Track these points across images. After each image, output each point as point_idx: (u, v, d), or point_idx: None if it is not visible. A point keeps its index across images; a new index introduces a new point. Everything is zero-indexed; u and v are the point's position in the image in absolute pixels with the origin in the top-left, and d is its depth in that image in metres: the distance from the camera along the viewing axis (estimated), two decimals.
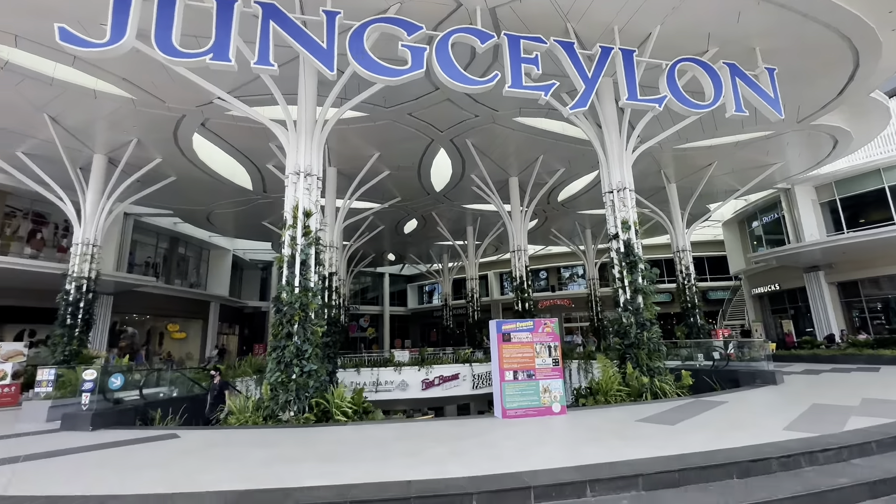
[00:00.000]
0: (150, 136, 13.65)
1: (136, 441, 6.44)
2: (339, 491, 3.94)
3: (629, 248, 10.32)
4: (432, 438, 5.86)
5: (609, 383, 9.06)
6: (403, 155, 15.82)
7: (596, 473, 4.15)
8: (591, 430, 6.17)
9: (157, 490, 4.19)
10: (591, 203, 21.83)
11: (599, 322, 25.63)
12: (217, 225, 24.46)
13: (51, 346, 13.21)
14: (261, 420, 7.87)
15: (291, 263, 8.62)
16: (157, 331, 25.54)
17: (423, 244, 31.12)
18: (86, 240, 13.97)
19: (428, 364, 16.79)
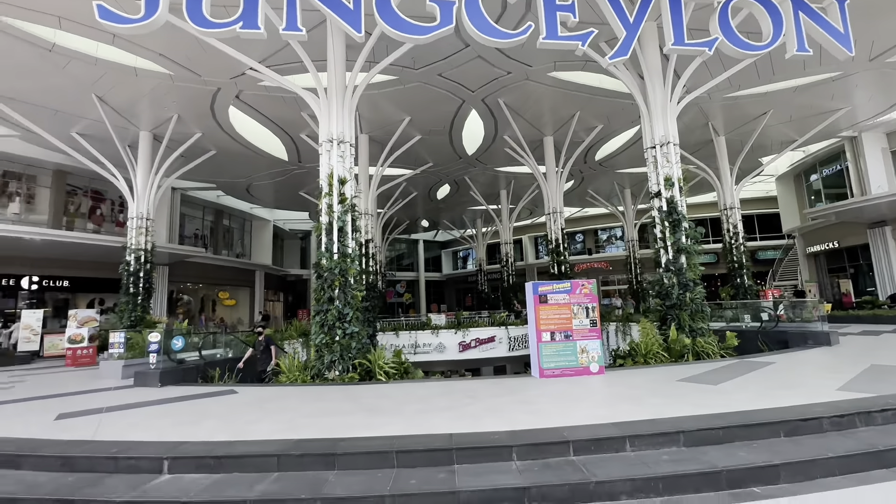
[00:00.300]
0: (189, 111, 14.05)
1: (198, 396, 7.04)
2: (386, 441, 4.18)
3: (672, 207, 9.86)
4: (471, 395, 6.05)
5: (649, 345, 8.93)
6: (434, 118, 15.54)
7: (635, 429, 4.17)
8: (630, 388, 6.16)
9: (220, 437, 4.59)
10: (632, 161, 20.84)
11: (638, 284, 25.04)
12: (257, 196, 25.28)
13: (118, 312, 14.42)
14: (308, 379, 8.37)
15: (329, 231, 8.85)
16: (210, 298, 27.23)
17: (456, 209, 31.01)
18: (140, 214, 14.85)
19: (464, 327, 17.08)
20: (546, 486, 3.46)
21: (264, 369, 9.56)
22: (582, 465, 3.74)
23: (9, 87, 12.22)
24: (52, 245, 16.44)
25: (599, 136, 17.45)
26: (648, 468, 3.63)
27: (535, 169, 17.39)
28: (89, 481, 3.99)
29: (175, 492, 3.67)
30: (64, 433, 5.03)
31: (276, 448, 4.17)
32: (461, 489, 3.43)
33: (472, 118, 15.76)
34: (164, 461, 4.10)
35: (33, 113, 13.49)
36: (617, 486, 3.47)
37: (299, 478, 3.82)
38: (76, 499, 3.66)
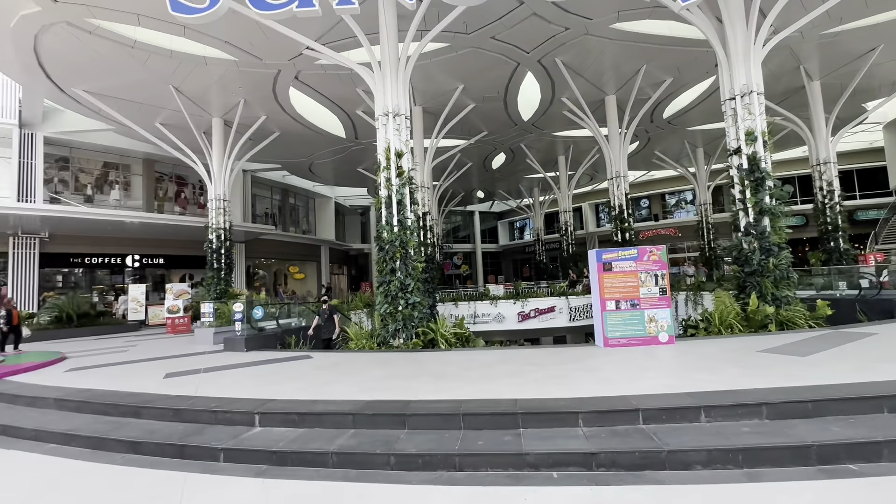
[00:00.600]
0: (253, 95, 14.76)
1: (279, 360, 7.69)
2: (453, 404, 4.34)
3: (754, 164, 8.94)
4: (534, 363, 6.07)
5: (725, 314, 8.36)
6: (488, 84, 15.09)
7: (712, 400, 3.98)
8: (704, 358, 5.84)
9: (301, 397, 5.02)
10: (706, 116, 19.04)
11: (711, 251, 23.30)
12: (318, 174, 26.34)
13: (205, 285, 15.96)
14: (375, 346, 8.82)
15: (389, 204, 9.06)
16: (281, 272, 29.26)
17: (512, 179, 30.35)
18: (217, 195, 16.08)
19: (523, 297, 17.00)
20: (615, 451, 3.43)
21: (329, 337, 10.09)
22: (652, 434, 3.65)
23: (103, 86, 13.52)
24: (148, 227, 18.40)
25: (668, 92, 16.04)
26: (727, 440, 3.46)
27: (597, 131, 16.44)
28: (195, 430, 4.56)
29: (266, 442, 4.09)
30: (172, 389, 5.76)
31: (350, 407, 4.48)
32: (528, 451, 3.50)
33: (528, 82, 15.11)
34: (255, 416, 4.57)
35: (123, 107, 14.87)
36: (691, 456, 3.36)
37: (373, 435, 4.09)
38: (187, 444, 4.20)
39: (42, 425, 5.06)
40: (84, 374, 7.42)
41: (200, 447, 4.14)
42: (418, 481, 3.41)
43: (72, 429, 4.85)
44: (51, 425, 5.03)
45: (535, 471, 3.43)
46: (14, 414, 5.64)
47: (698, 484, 3.12)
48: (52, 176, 18.57)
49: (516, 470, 3.46)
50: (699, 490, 3.04)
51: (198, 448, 4.15)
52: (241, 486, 3.50)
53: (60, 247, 17.92)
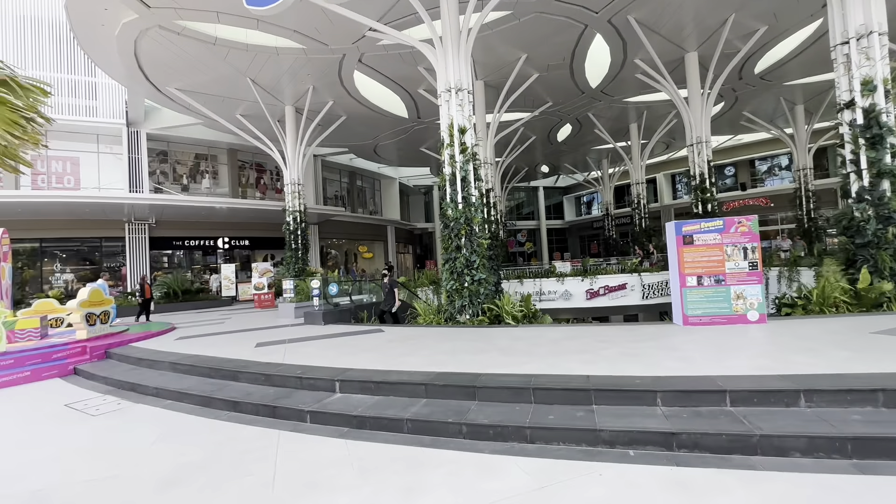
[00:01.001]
0: (321, 81, 15.34)
1: (353, 333, 8.16)
2: (523, 378, 4.35)
3: (872, 118, 7.71)
4: (605, 340, 5.87)
5: (829, 291, 7.45)
6: (553, 52, 14.35)
7: (814, 383, 3.60)
8: (803, 339, 5.28)
9: (376, 367, 5.30)
10: (808, 67, 16.67)
11: (812, 222, 20.70)
12: (383, 156, 27.00)
13: (285, 264, 17.23)
14: (442, 321, 9.03)
15: (453, 181, 9.07)
16: (352, 252, 30.74)
17: (578, 151, 28.95)
18: (292, 180, 17.12)
19: (591, 274, 16.40)
20: (698, 433, 3.25)
21: (389, 309, 10.35)
22: (742, 417, 3.40)
23: (191, 83, 14.79)
24: (234, 211, 20.16)
25: (761, 43, 14.22)
26: (832, 427, 3.13)
27: (675, 94, 15.05)
28: (284, 394, 5.01)
29: (347, 407, 4.39)
30: (263, 357, 6.36)
31: (422, 378, 4.66)
32: (602, 428, 3.42)
33: (596, 45, 14.13)
34: (335, 382, 4.92)
35: (209, 102, 16.20)
36: (788, 442, 3.09)
37: (444, 405, 4.23)
38: (278, 405, 4.64)
39: (161, 384, 5.85)
40: (190, 342, 8.42)
41: (290, 409, 4.55)
42: (490, 450, 3.48)
43: (184, 388, 5.56)
44: (168, 385, 5.80)
45: (610, 447, 3.36)
46: (139, 374, 6.57)
47: (797, 472, 2.87)
48: (154, 168, 20.86)
49: (589, 445, 3.41)
50: (798, 478, 2.80)
51: (287, 409, 4.56)
52: (327, 445, 3.81)
53: (165, 231, 20.24)
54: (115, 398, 5.77)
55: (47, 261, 18.57)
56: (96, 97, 19.02)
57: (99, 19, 11.09)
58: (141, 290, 12.48)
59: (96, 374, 6.90)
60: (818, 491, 2.64)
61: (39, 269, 18.33)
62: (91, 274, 19.06)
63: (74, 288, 17.78)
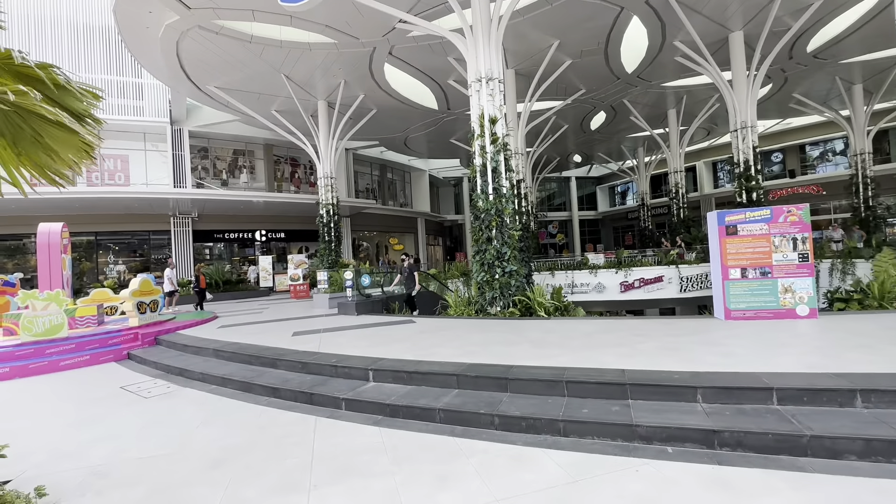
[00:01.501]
0: (352, 75, 15.51)
1: (385, 323, 8.30)
2: (555, 371, 4.30)
3: None
4: (641, 334, 5.71)
5: (888, 284, 6.94)
6: (587, 37, 13.90)
7: (871, 383, 3.37)
8: (857, 335, 4.95)
9: (408, 357, 5.37)
10: (868, 43, 15.43)
11: (870, 211, 19.29)
12: (413, 148, 27.11)
13: (319, 256, 17.67)
14: (473, 313, 9.03)
15: (483, 172, 9.00)
16: (383, 244, 31.17)
17: (613, 139, 28.06)
18: (325, 174, 17.47)
19: (626, 266, 15.95)
20: (742, 431, 3.11)
21: (409, 293, 10.57)
22: (790, 416, 3.23)
23: (229, 80, 15.30)
24: (270, 205, 20.81)
25: (815, 18, 13.24)
26: (893, 429, 2.93)
27: (718, 76, 14.29)
28: (320, 381, 5.16)
29: (380, 395, 4.48)
30: (299, 346, 6.57)
31: (454, 369, 4.69)
32: (639, 423, 3.34)
33: (633, 28, 13.58)
34: (369, 371, 5.02)
35: (246, 99, 16.73)
36: (842, 444, 2.92)
37: (476, 396, 4.24)
38: (315, 392, 4.79)
39: (206, 370, 6.16)
40: (231, 330, 8.81)
41: (326, 396, 4.69)
42: (523, 442, 3.47)
43: (227, 374, 5.83)
44: (212, 370, 6.10)
45: (647, 443, 3.28)
46: (186, 360, 6.95)
47: (852, 476, 2.71)
48: (196, 164, 21.79)
49: (625, 441, 3.34)
50: (853, 482, 2.64)
51: (323, 397, 4.70)
52: (362, 432, 3.91)
53: (206, 224, 21.16)
54: (165, 382, 6.13)
55: (101, 253, 19.83)
56: (142, 97, 20.01)
57: (143, 22, 11.61)
58: (196, 281, 13.22)
59: (147, 358, 7.34)
60: (876, 496, 2.49)
61: (95, 260, 19.61)
62: (140, 265, 20.22)
63: (126, 278, 18.92)
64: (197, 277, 13.17)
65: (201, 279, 13.22)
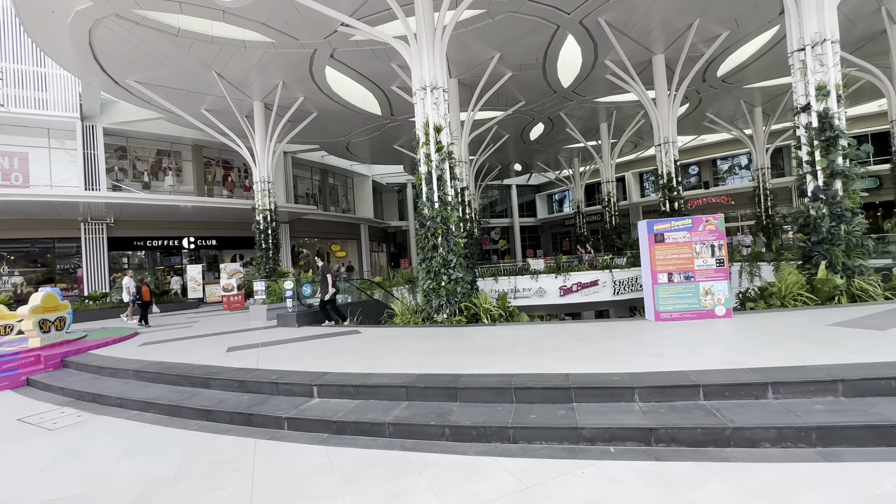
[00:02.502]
0: (292, 77, 14.93)
1: (328, 335, 8.00)
2: (503, 378, 4.36)
3: (826, 121, 8.15)
4: (582, 338, 5.98)
5: (789, 285, 7.84)
6: (526, 51, 14.48)
7: (780, 376, 3.77)
8: (767, 333, 5.53)
9: (355, 370, 5.20)
10: (766, 72, 17.52)
11: (769, 219, 21.81)
12: (355, 153, 26.60)
13: (255, 265, 16.72)
14: (419, 321, 8.98)
15: (429, 180, 9.01)
16: (324, 251, 30.18)
17: (550, 149, 29.42)
18: (262, 177, 16.61)
19: (565, 271, 16.71)
20: (675, 427, 3.34)
21: (322, 299, 9.49)
22: (715, 410, 3.52)
23: (152, 75, 14.09)
24: (200, 210, 19.39)
25: (724, 47, 14.81)
26: (798, 417, 3.29)
27: (643, 94, 15.49)
28: (259, 400, 4.85)
29: (326, 412, 4.29)
30: (235, 362, 6.14)
31: (402, 380, 4.60)
32: (583, 426, 3.47)
33: (568, 46, 14.36)
34: (313, 387, 4.80)
35: (171, 96, 15.49)
36: (758, 434, 3.22)
37: (426, 407, 4.19)
38: (254, 412, 4.48)
39: (125, 394, 5.56)
40: (156, 347, 8.05)
41: (266, 416, 4.41)
42: (474, 452, 3.47)
43: (151, 397, 5.30)
44: (132, 394, 5.51)
45: (591, 444, 3.41)
46: (101, 383, 6.23)
47: (768, 462, 2.99)
48: (112, 165, 19.81)
49: (571, 443, 3.46)
50: (769, 468, 2.92)
51: (263, 416, 4.42)
52: (307, 453, 3.71)
53: (125, 231, 19.25)
54: (74, 410, 5.45)
55: None
56: (46, 89, 17.87)
57: (48, 5, 10.39)
58: (138, 293, 11.87)
59: (52, 384, 6.50)
60: (788, 480, 2.76)
61: None
62: (42, 276, 17.95)
63: (25, 292, 16.70)
64: (139, 288, 11.85)
65: (144, 290, 11.92)
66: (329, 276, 9.59)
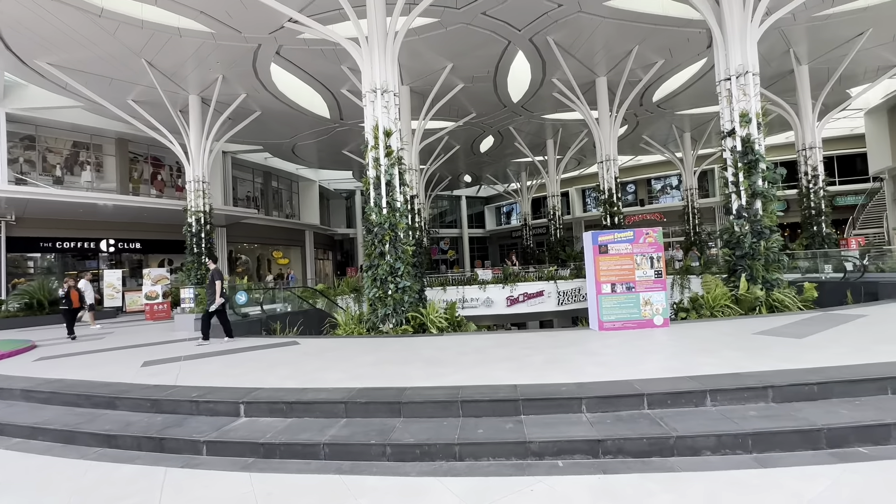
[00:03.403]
0: (232, 71, 14.07)
1: (264, 347, 7.40)
2: (450, 391, 4.15)
3: (748, 146, 8.87)
4: (529, 347, 5.93)
5: (716, 297, 8.36)
6: (478, 64, 14.69)
7: (716, 383, 3.87)
8: (702, 342, 5.78)
9: (289, 385, 4.77)
10: (694, 100, 19.02)
11: (696, 236, 23.57)
12: (302, 157, 25.64)
13: (185, 271, 15.41)
14: (364, 331, 8.59)
15: (378, 185, 8.72)
16: (265, 257, 28.63)
17: (500, 162, 30.09)
18: (196, 177, 15.44)
19: (512, 282, 16.92)
20: (621, 438, 3.29)
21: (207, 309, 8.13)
22: (658, 419, 3.53)
23: (69, 58, 12.66)
24: (122, 210, 17.61)
25: (659, 74, 15.91)
26: (735, 424, 3.36)
27: (587, 114, 16.23)
28: (174, 421, 4.28)
29: (253, 433, 3.85)
30: (150, 379, 5.44)
31: (342, 395, 4.26)
32: (531, 440, 3.34)
33: (518, 61, 14.76)
34: (240, 405, 4.31)
35: (93, 83, 14.01)
36: (700, 442, 3.25)
37: (367, 424, 3.88)
38: (166, 437, 3.93)
39: (7, 418, 4.72)
40: (55, 363, 7.02)
41: (181, 440, 3.88)
42: (417, 472, 3.22)
43: (40, 421, 4.53)
44: (16, 418, 4.69)
45: (540, 459, 3.28)
46: None
47: (709, 471, 3.00)
48: (17, 156, 17.55)
49: (519, 459, 3.31)
50: (711, 477, 2.92)
51: (178, 441, 3.88)
52: (227, 481, 3.27)
53: (30, 230, 17.01)
54: None
55: None
56: None
57: None
58: (67, 298, 10.23)
59: None
60: (729, 488, 2.77)
61: None
62: None
63: None
64: (68, 293, 10.28)
65: (73, 295, 10.37)
66: (219, 283, 8.04)
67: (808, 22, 13.08)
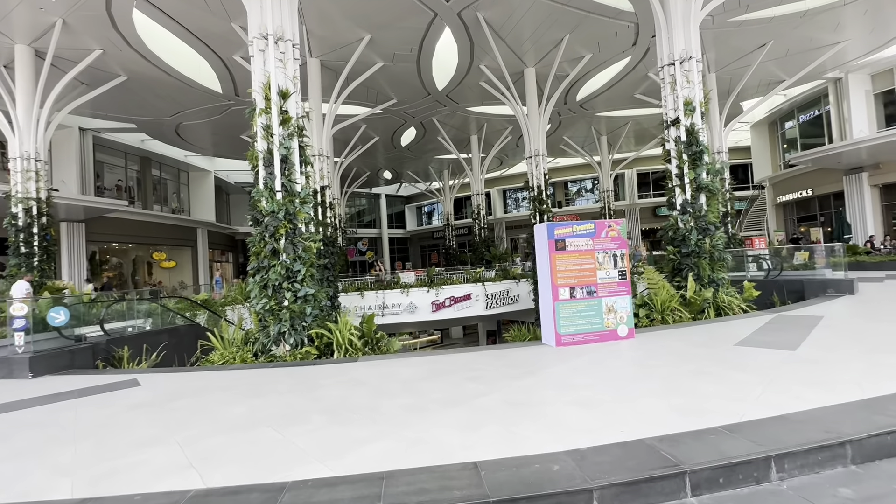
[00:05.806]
0: (77, 15, 10.72)
1: (80, 392, 4.89)
2: (367, 488, 2.35)
3: (693, 137, 8.27)
4: (477, 378, 4.34)
5: (666, 300, 7.56)
6: (400, 39, 12.96)
7: (775, 441, 2.58)
8: (684, 358, 4.66)
9: (65, 487, 2.61)
10: (611, 103, 19.23)
11: None
12: (190, 141, 21.72)
13: (7, 277, 11.51)
14: (250, 357, 6.38)
15: (269, 161, 6.58)
16: (143, 260, 23.93)
17: (422, 159, 28.54)
18: (24, 153, 11.64)
19: (437, 285, 15.43)
20: None
21: None
22: None
23: None
24: None
25: (585, 70, 15.52)
26: None
27: (516, 106, 15.31)
28: None
29: None
30: None
31: None
32: None
33: (445, 40, 13.30)
34: None
35: None
36: None
37: None
38: None
39: None
40: None
41: None
42: None
43: None
44: None
45: None
46: None
47: None
48: None
49: None
50: None
51: None
52: None
53: None
54: None
55: None
56: None
57: None
58: None
59: None
60: None
61: None
62: None
63: None
64: None
65: None
66: None
67: (723, 28, 13.39)
